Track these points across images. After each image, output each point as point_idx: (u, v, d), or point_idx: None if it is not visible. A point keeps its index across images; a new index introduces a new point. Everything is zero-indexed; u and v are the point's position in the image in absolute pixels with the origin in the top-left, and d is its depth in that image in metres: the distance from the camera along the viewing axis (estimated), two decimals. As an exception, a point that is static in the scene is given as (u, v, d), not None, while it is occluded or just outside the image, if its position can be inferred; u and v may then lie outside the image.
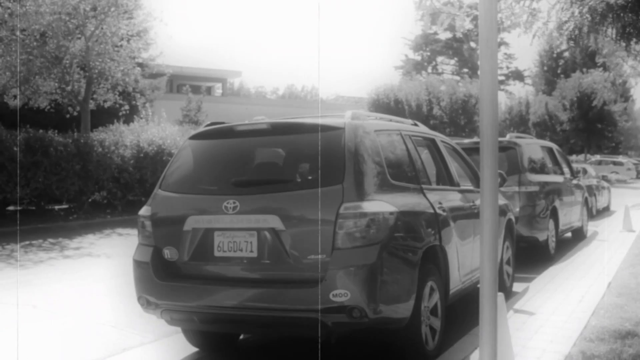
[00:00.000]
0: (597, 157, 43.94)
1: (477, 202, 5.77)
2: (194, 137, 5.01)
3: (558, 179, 10.58)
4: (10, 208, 15.49)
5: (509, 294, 6.60)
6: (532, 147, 10.03)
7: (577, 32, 7.15)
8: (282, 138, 4.78)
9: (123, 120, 19.33)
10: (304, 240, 4.13)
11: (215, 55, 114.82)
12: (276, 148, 4.97)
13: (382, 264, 4.08)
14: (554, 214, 9.74)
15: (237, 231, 4.29)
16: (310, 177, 4.42)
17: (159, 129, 18.38)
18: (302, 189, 4.32)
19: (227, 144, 4.89)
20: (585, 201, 12.34)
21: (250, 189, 4.44)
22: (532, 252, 9.30)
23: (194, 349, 5.21)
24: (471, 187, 6.22)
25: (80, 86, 17.91)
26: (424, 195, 4.92)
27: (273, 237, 4.18)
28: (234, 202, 4.28)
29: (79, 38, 17.19)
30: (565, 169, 11.51)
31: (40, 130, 15.12)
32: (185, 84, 37.28)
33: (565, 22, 7.22)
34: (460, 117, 37.14)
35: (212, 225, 4.37)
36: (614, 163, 42.23)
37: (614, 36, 7.23)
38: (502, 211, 6.75)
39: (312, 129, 4.59)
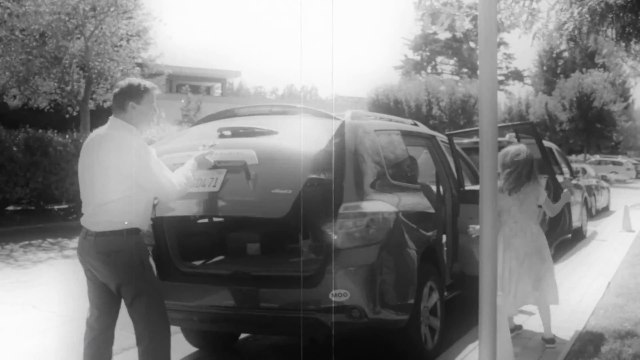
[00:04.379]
0: (597, 157, 43.93)
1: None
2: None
3: (557, 179, 10.56)
4: (10, 208, 15.47)
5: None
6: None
7: (576, 32, 7.15)
8: None
9: (122, 120, 19.25)
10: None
11: (215, 55, 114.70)
12: None
13: (381, 264, 4.08)
14: (553, 214, 9.72)
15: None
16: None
17: (158, 128, 18.35)
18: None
19: None
20: (585, 201, 12.32)
21: None
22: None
23: (194, 349, 5.20)
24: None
25: (79, 86, 17.90)
26: None
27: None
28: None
29: (79, 38, 17.18)
30: (565, 169, 11.50)
31: (40, 130, 15.09)
32: (184, 84, 37.20)
33: (565, 22, 7.22)
34: (459, 117, 37.14)
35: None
36: (614, 163, 42.20)
37: (613, 36, 7.23)
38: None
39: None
